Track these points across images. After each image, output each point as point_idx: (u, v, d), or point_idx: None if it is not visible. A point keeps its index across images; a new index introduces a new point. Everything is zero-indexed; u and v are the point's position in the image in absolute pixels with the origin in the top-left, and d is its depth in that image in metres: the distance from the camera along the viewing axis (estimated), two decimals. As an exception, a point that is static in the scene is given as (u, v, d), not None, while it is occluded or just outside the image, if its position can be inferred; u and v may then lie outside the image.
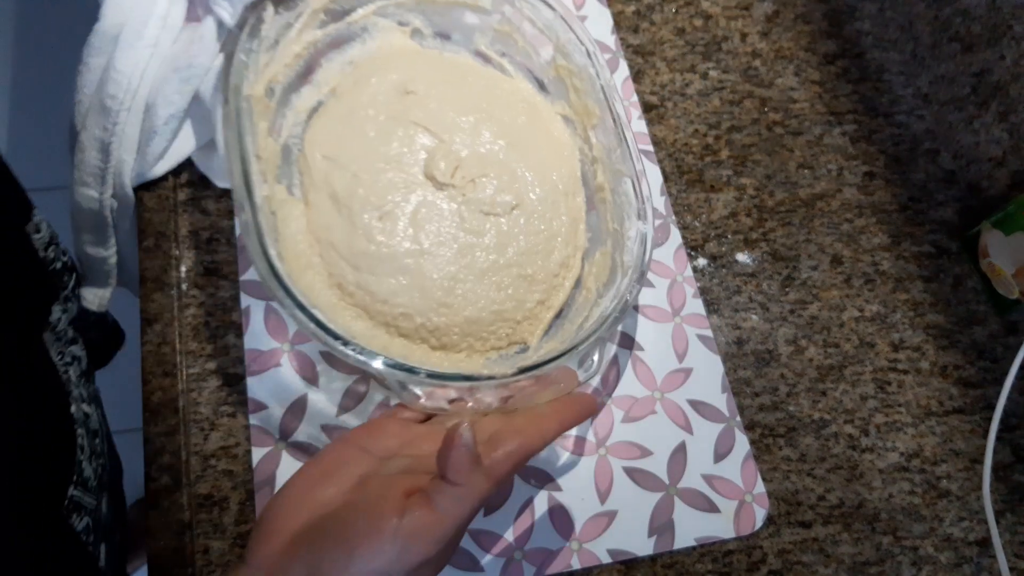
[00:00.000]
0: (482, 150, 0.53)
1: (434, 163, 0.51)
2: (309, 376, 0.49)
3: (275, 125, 0.50)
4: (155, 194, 0.54)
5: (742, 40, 0.68)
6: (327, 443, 0.47)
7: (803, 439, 0.54)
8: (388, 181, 0.50)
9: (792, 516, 0.51)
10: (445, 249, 0.49)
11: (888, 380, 0.57)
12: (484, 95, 0.55)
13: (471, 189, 0.51)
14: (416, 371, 0.40)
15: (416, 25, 0.57)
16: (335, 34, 0.54)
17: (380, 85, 0.54)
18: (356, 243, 0.48)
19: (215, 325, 0.50)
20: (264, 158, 0.47)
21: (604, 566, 0.48)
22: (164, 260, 0.52)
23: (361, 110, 0.52)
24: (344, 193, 0.49)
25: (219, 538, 0.45)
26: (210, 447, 0.47)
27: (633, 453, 0.50)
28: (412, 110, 0.53)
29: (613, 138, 0.51)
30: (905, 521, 0.52)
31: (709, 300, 0.57)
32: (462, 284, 0.49)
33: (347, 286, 0.48)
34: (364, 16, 0.55)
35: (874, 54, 0.70)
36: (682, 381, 0.53)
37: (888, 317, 0.59)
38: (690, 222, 0.60)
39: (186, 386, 0.49)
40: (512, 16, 0.56)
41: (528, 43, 0.56)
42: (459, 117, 0.53)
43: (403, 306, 0.47)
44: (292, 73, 0.52)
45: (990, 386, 0.57)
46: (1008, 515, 0.54)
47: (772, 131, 0.64)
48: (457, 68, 0.57)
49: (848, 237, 0.61)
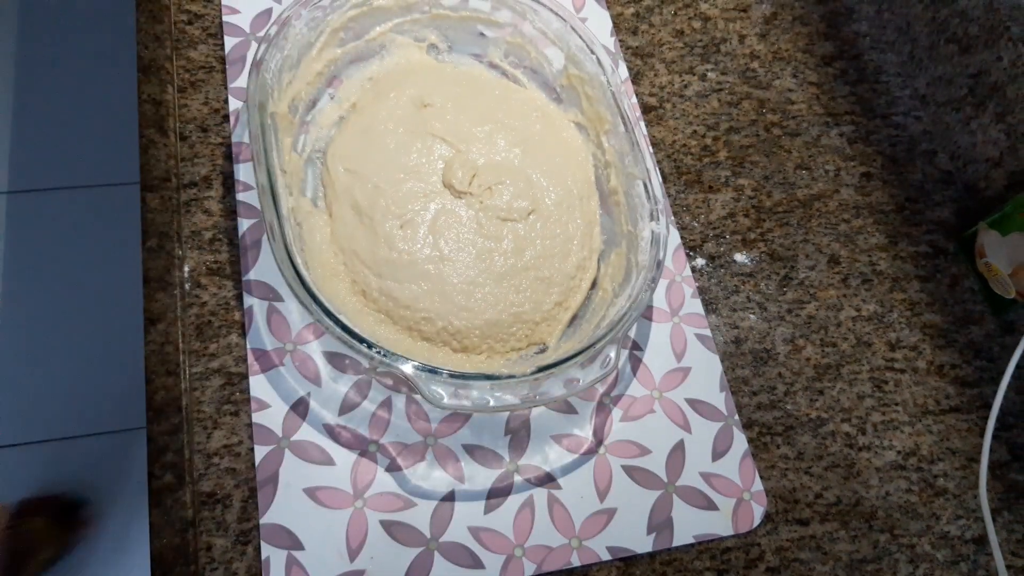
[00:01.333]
0: (498, 158, 0.55)
1: (452, 172, 0.53)
2: (311, 376, 0.50)
3: (298, 140, 0.54)
4: (158, 195, 0.54)
5: (740, 42, 0.68)
6: (329, 442, 0.48)
7: (800, 437, 0.54)
8: (408, 191, 0.52)
9: (790, 514, 0.52)
10: (464, 255, 0.51)
11: (885, 379, 0.57)
12: (499, 105, 0.58)
13: (488, 196, 0.53)
14: (439, 372, 0.43)
15: (432, 40, 0.59)
16: (354, 52, 0.57)
17: (398, 99, 0.56)
18: (379, 251, 0.50)
19: (218, 325, 0.51)
20: (289, 172, 0.50)
21: (603, 563, 0.48)
22: (167, 260, 0.52)
23: (380, 124, 0.55)
24: (366, 204, 0.51)
25: (222, 536, 0.46)
26: (213, 445, 0.48)
27: (632, 451, 0.51)
28: (429, 122, 0.55)
29: (625, 142, 0.53)
30: (902, 519, 0.53)
31: (707, 300, 0.57)
32: (481, 288, 0.51)
33: (371, 292, 0.50)
34: (382, 33, 0.58)
35: (872, 55, 0.70)
36: (680, 380, 0.54)
37: (885, 316, 0.59)
38: (688, 222, 0.60)
39: (189, 385, 0.49)
40: (524, 28, 0.58)
41: (540, 53, 0.59)
42: (475, 127, 0.56)
43: (425, 310, 0.49)
44: (314, 90, 0.55)
45: (986, 385, 0.58)
46: (1004, 513, 0.54)
47: (770, 132, 0.65)
48: (472, 80, 0.59)
49: (845, 237, 0.62)
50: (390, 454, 0.48)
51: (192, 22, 0.60)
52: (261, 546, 0.45)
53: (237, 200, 0.54)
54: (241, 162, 0.55)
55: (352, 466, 0.48)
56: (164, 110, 0.56)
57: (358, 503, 0.47)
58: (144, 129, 0.55)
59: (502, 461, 0.49)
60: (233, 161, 0.55)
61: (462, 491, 0.48)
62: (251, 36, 0.59)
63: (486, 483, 0.48)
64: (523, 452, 0.50)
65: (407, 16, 0.58)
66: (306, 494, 0.46)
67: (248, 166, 0.55)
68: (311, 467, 0.47)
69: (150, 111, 0.55)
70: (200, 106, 0.57)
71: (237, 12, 0.60)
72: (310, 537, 0.45)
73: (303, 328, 0.51)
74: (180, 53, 0.59)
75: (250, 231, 0.53)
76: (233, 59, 0.58)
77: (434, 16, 0.58)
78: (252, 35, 0.59)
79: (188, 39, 0.59)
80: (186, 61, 0.58)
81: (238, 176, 0.54)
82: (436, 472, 0.48)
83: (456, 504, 0.48)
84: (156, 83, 0.56)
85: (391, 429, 0.49)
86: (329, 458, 0.48)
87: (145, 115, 0.55)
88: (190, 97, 0.57)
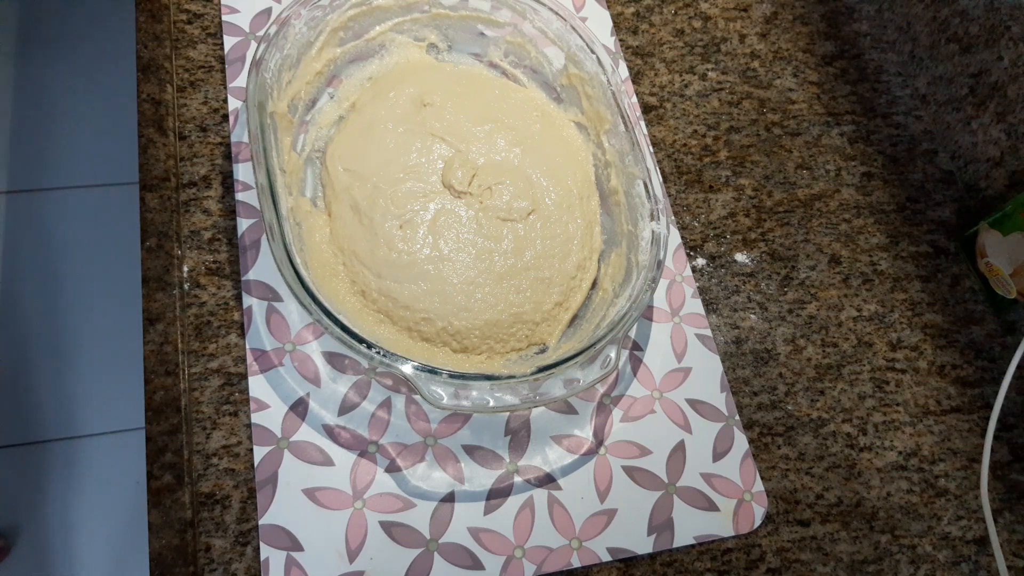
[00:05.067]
0: (498, 158, 0.55)
1: (451, 172, 0.53)
2: (311, 376, 0.49)
3: (298, 140, 0.53)
4: (157, 194, 0.54)
5: (741, 41, 0.68)
6: (328, 443, 0.48)
7: (801, 438, 0.54)
8: (407, 191, 0.52)
9: (790, 514, 0.52)
10: (464, 255, 0.51)
11: (886, 379, 0.57)
12: (499, 105, 0.58)
13: (488, 196, 0.53)
14: (439, 372, 0.43)
15: (432, 40, 0.59)
16: (354, 51, 0.57)
17: (398, 98, 0.56)
18: (378, 251, 0.50)
19: (217, 325, 0.51)
20: (288, 171, 0.50)
21: (604, 564, 0.48)
22: (166, 260, 0.52)
23: (380, 123, 0.55)
24: (365, 204, 0.51)
25: (221, 536, 0.45)
26: (212, 446, 0.48)
27: (632, 452, 0.51)
28: (429, 122, 0.55)
29: (625, 142, 0.53)
30: (903, 520, 0.53)
31: (708, 300, 0.57)
32: (481, 288, 0.50)
33: (370, 293, 0.50)
34: (381, 33, 0.58)
35: (872, 55, 0.70)
36: (681, 380, 0.54)
37: (886, 317, 0.59)
38: (689, 222, 0.60)
39: (188, 385, 0.49)
40: (524, 28, 0.58)
41: (540, 53, 0.59)
42: (475, 127, 0.56)
43: (425, 311, 0.49)
44: (313, 90, 0.55)
45: (988, 385, 0.58)
46: (1006, 514, 0.54)
47: (770, 132, 0.65)
48: (472, 80, 0.59)
49: (846, 237, 0.61)
50: (390, 455, 0.48)
51: (192, 21, 0.60)
52: (260, 547, 0.45)
53: (236, 200, 0.54)
54: (240, 162, 0.55)
55: (351, 467, 0.47)
56: (163, 109, 0.55)
57: (357, 504, 0.46)
58: (143, 129, 0.54)
59: (502, 462, 0.49)
60: (232, 161, 0.55)
61: (462, 492, 0.48)
62: (251, 35, 0.59)
63: (486, 484, 0.48)
64: (523, 453, 0.50)
65: (407, 15, 0.58)
66: (305, 495, 0.46)
67: (247, 166, 0.55)
68: (310, 468, 0.47)
69: (149, 110, 0.55)
70: (199, 106, 0.57)
71: (237, 11, 0.60)
72: (309, 538, 0.45)
73: (302, 328, 0.51)
74: (179, 52, 0.58)
75: (249, 231, 0.53)
76: (232, 59, 0.58)
77: (434, 15, 0.58)
78: (252, 34, 0.59)
79: (188, 38, 0.59)
80: (185, 60, 0.58)
81: (237, 176, 0.54)
82: (436, 473, 0.48)
83: (456, 505, 0.47)
84: (155, 82, 0.56)
85: (391, 430, 0.49)
86: (328, 459, 0.47)
87: (144, 114, 0.55)
88: (189, 96, 0.57)
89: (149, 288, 0.51)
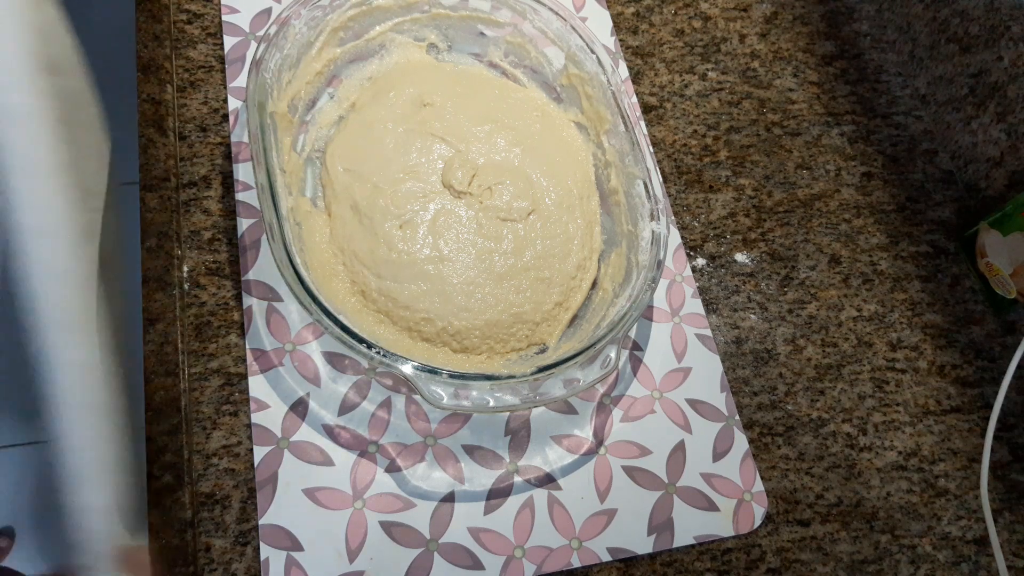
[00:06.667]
0: (498, 158, 0.55)
1: (451, 172, 0.53)
2: (311, 376, 0.49)
3: (298, 140, 0.53)
4: (157, 194, 0.54)
5: (741, 41, 0.68)
6: (328, 443, 0.48)
7: (801, 438, 0.54)
8: (407, 191, 0.52)
9: (790, 514, 0.52)
10: (464, 255, 0.51)
11: (886, 379, 0.57)
12: (499, 105, 0.58)
13: (488, 196, 0.53)
14: (439, 372, 0.43)
15: (432, 40, 0.59)
16: (354, 51, 0.57)
17: (398, 98, 0.56)
18: (378, 251, 0.50)
19: (217, 325, 0.51)
20: (288, 171, 0.50)
21: (604, 564, 0.48)
22: (166, 260, 0.52)
23: (380, 123, 0.55)
24: (365, 204, 0.51)
25: (221, 536, 0.45)
26: (212, 446, 0.48)
27: (632, 452, 0.51)
28: (429, 122, 0.55)
29: (626, 142, 0.53)
30: (903, 520, 0.53)
31: (708, 300, 0.57)
32: (481, 288, 0.50)
33: (370, 293, 0.50)
34: (381, 33, 0.58)
35: (872, 55, 0.70)
36: (681, 380, 0.54)
37: (886, 317, 0.59)
38: (689, 222, 0.60)
39: (188, 385, 0.49)
40: (524, 28, 0.58)
41: (540, 53, 0.59)
42: (475, 127, 0.56)
43: (425, 311, 0.49)
44: (313, 90, 0.55)
45: (988, 385, 0.58)
46: (1006, 514, 0.54)
47: (770, 132, 0.65)
48: (472, 80, 0.59)
49: (846, 237, 0.61)
50: (390, 455, 0.48)
51: (191, 21, 0.60)
52: (260, 547, 0.45)
53: (236, 200, 0.54)
54: (240, 162, 0.55)
55: (351, 467, 0.47)
56: (163, 109, 0.55)
57: (357, 504, 0.46)
58: (143, 129, 0.54)
59: (502, 462, 0.49)
60: (232, 161, 0.55)
61: (462, 492, 0.48)
62: (251, 35, 0.59)
63: (486, 484, 0.48)
64: (523, 453, 0.50)
65: (407, 15, 0.58)
66: (305, 495, 0.46)
67: (247, 166, 0.55)
68: (310, 468, 0.47)
69: (149, 110, 0.55)
70: (199, 106, 0.57)
71: (237, 11, 0.60)
72: (309, 538, 0.45)
73: (302, 328, 0.51)
74: (179, 52, 0.58)
75: (249, 231, 0.53)
76: (232, 58, 0.58)
77: (434, 15, 0.58)
78: (252, 34, 0.59)
79: (187, 38, 0.59)
80: (185, 60, 0.58)
81: (237, 176, 0.54)
82: (436, 473, 0.48)
83: (456, 505, 0.47)
84: (155, 82, 0.56)
85: (391, 429, 0.49)
86: (328, 459, 0.47)
87: (144, 114, 0.55)
88: (189, 96, 0.57)
89: (149, 288, 0.51)
